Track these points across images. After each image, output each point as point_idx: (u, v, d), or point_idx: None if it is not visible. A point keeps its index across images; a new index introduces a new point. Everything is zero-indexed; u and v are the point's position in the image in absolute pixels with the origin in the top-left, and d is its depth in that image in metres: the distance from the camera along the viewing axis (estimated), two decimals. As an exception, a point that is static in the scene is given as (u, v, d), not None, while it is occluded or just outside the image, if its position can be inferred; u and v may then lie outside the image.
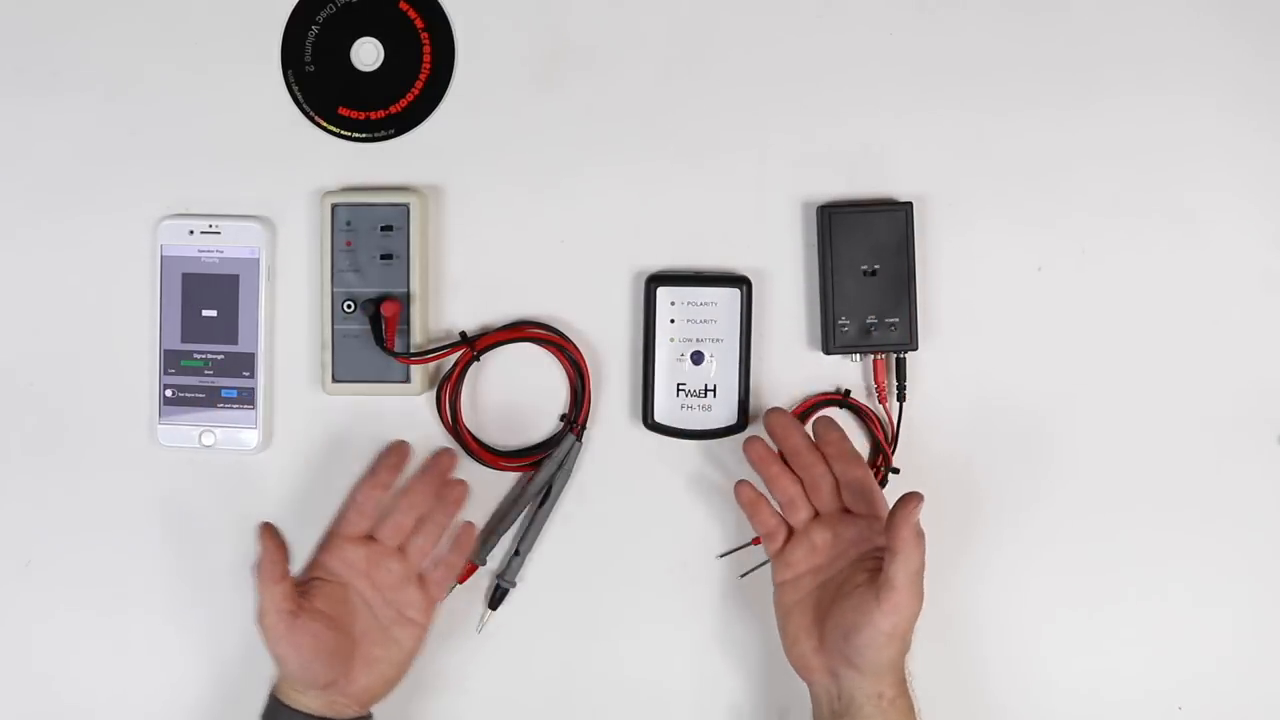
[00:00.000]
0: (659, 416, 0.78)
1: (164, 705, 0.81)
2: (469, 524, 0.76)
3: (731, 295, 0.77)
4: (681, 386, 0.78)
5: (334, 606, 0.72)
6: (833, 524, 0.73)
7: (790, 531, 0.74)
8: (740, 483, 0.74)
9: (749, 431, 0.78)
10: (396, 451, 0.76)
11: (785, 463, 0.74)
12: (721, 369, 0.77)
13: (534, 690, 0.80)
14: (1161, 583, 0.79)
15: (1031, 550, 0.79)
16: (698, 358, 0.77)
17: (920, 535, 0.68)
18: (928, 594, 0.69)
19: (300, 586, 0.72)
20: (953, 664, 0.74)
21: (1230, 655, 0.79)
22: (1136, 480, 0.79)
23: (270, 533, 0.71)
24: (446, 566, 0.75)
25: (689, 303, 0.77)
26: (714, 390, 0.77)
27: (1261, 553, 0.79)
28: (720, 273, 0.79)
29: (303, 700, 0.71)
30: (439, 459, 0.77)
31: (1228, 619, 0.79)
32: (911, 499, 0.67)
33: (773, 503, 0.74)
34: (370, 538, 0.74)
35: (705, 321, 0.77)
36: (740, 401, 0.78)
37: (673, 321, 0.77)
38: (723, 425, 0.78)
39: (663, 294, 0.78)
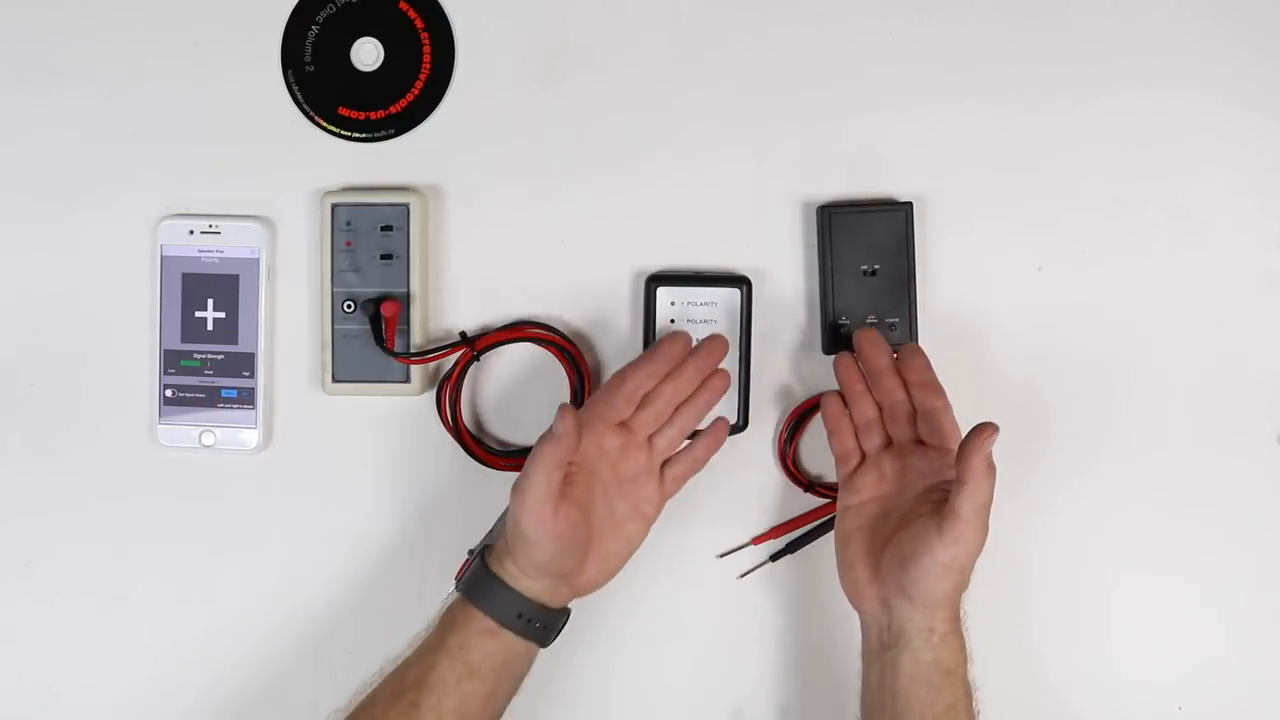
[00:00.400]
0: None
1: (164, 705, 0.81)
2: (722, 419, 0.75)
3: (731, 295, 0.77)
4: None
5: (585, 495, 0.70)
6: (904, 453, 0.72)
7: (863, 456, 0.73)
8: (830, 394, 0.74)
9: (748, 432, 0.78)
10: (681, 342, 0.73)
11: (868, 386, 0.73)
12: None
13: (534, 690, 0.80)
14: (1161, 583, 0.79)
15: (1030, 550, 0.79)
16: None
17: (991, 468, 0.66)
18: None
19: None
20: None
21: (1230, 655, 0.79)
22: (1136, 480, 0.79)
23: (570, 417, 0.66)
24: (691, 461, 0.74)
25: (689, 303, 0.77)
26: None
27: (1262, 553, 0.79)
28: (720, 273, 0.79)
29: (524, 582, 0.68)
30: (714, 343, 0.74)
31: (1228, 619, 0.79)
32: (986, 429, 0.66)
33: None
34: (623, 425, 0.72)
35: (705, 322, 0.77)
36: (740, 402, 0.78)
37: (672, 321, 0.77)
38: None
39: (662, 294, 0.78)
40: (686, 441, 0.74)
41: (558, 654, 0.79)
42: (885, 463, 0.73)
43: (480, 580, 0.69)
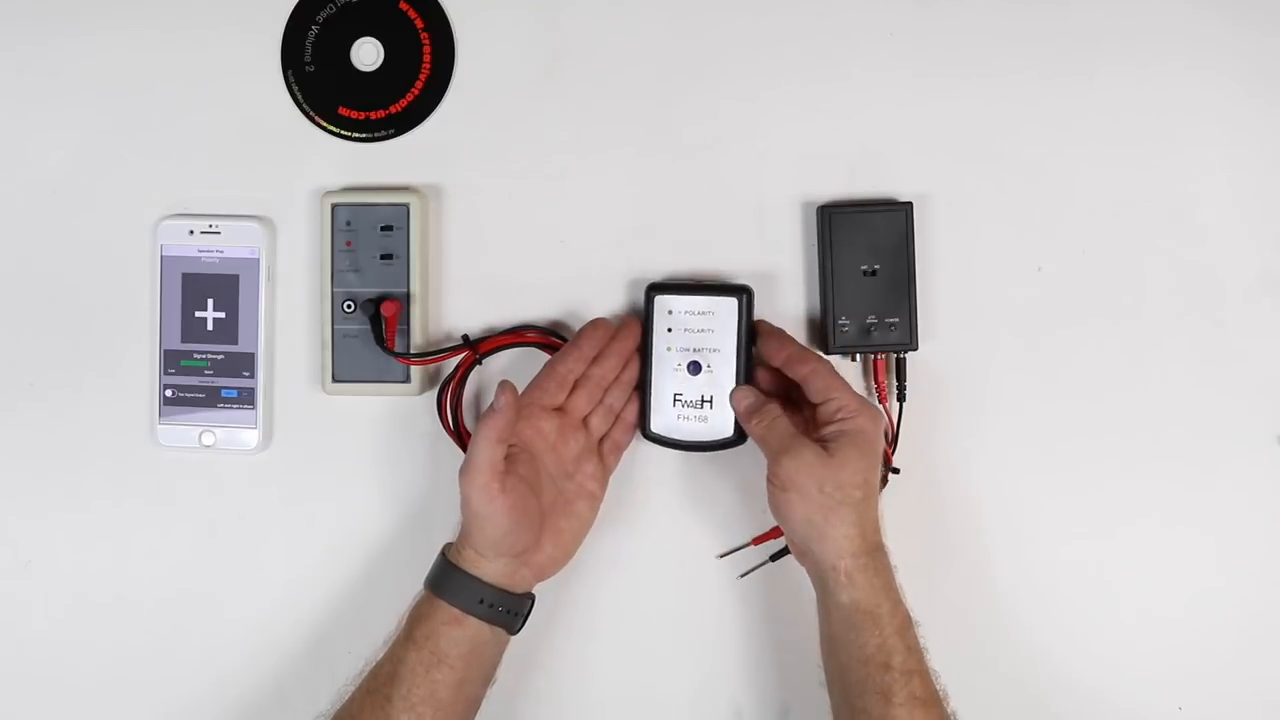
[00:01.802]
0: (655, 427, 0.77)
1: (164, 705, 0.81)
2: (635, 393, 0.77)
3: (730, 305, 0.76)
4: (678, 397, 0.76)
5: (531, 475, 0.72)
6: (799, 413, 0.75)
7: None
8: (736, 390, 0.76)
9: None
10: (603, 326, 0.76)
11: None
12: (719, 380, 0.76)
13: (534, 690, 0.80)
14: (1161, 582, 0.79)
15: (1030, 550, 0.79)
16: (694, 368, 0.76)
17: (753, 411, 0.73)
18: (922, 592, 0.69)
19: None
20: (954, 665, 0.74)
21: (1230, 655, 0.79)
22: (1136, 480, 0.79)
23: (510, 392, 0.69)
24: (623, 428, 0.77)
25: (687, 311, 0.76)
26: (710, 402, 0.76)
27: (1261, 553, 0.79)
28: (720, 282, 0.78)
29: (484, 566, 0.70)
30: (631, 325, 0.77)
31: (1228, 619, 0.79)
32: (737, 391, 0.75)
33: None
34: (559, 409, 0.75)
35: (703, 331, 0.76)
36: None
37: (670, 330, 0.76)
38: (719, 438, 0.76)
39: (660, 302, 0.77)
40: None
41: (557, 654, 0.79)
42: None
43: (442, 572, 0.71)
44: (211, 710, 0.81)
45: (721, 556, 0.80)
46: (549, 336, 0.79)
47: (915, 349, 0.78)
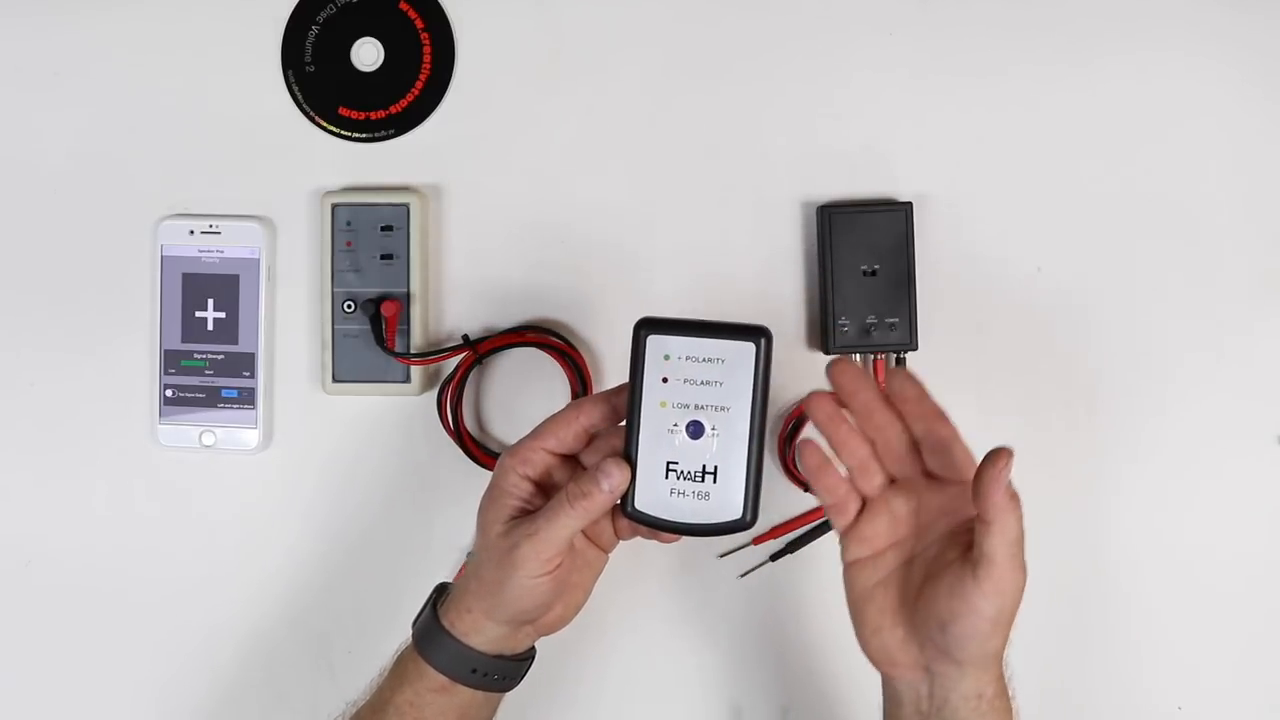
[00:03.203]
0: (641, 503, 0.62)
1: (163, 706, 0.81)
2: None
3: (744, 352, 0.60)
4: (672, 466, 0.62)
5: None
6: (915, 490, 0.62)
7: (864, 502, 0.63)
8: (804, 442, 0.62)
9: (756, 530, 0.69)
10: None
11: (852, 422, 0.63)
12: (726, 446, 0.61)
13: (534, 690, 0.80)
14: (1161, 582, 0.79)
15: (1031, 550, 0.79)
16: (695, 430, 0.61)
17: (1015, 499, 0.57)
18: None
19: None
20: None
21: (1230, 655, 0.79)
22: (1136, 480, 0.79)
23: (624, 471, 0.60)
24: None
25: (689, 358, 0.61)
26: (714, 473, 0.61)
27: (1262, 552, 0.79)
28: (731, 322, 0.62)
29: (483, 633, 0.63)
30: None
31: (1228, 619, 0.79)
32: (999, 456, 0.56)
33: (841, 468, 0.63)
34: (574, 458, 0.65)
35: (708, 384, 0.61)
36: (748, 490, 0.61)
37: (665, 381, 0.61)
38: (723, 520, 0.61)
39: (654, 344, 0.61)
40: None
41: (557, 654, 0.79)
42: (895, 503, 0.62)
43: (431, 634, 0.64)
44: (211, 710, 0.81)
45: (722, 556, 0.80)
46: (549, 336, 0.79)
47: (915, 349, 0.78)
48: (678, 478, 0.61)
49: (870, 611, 0.62)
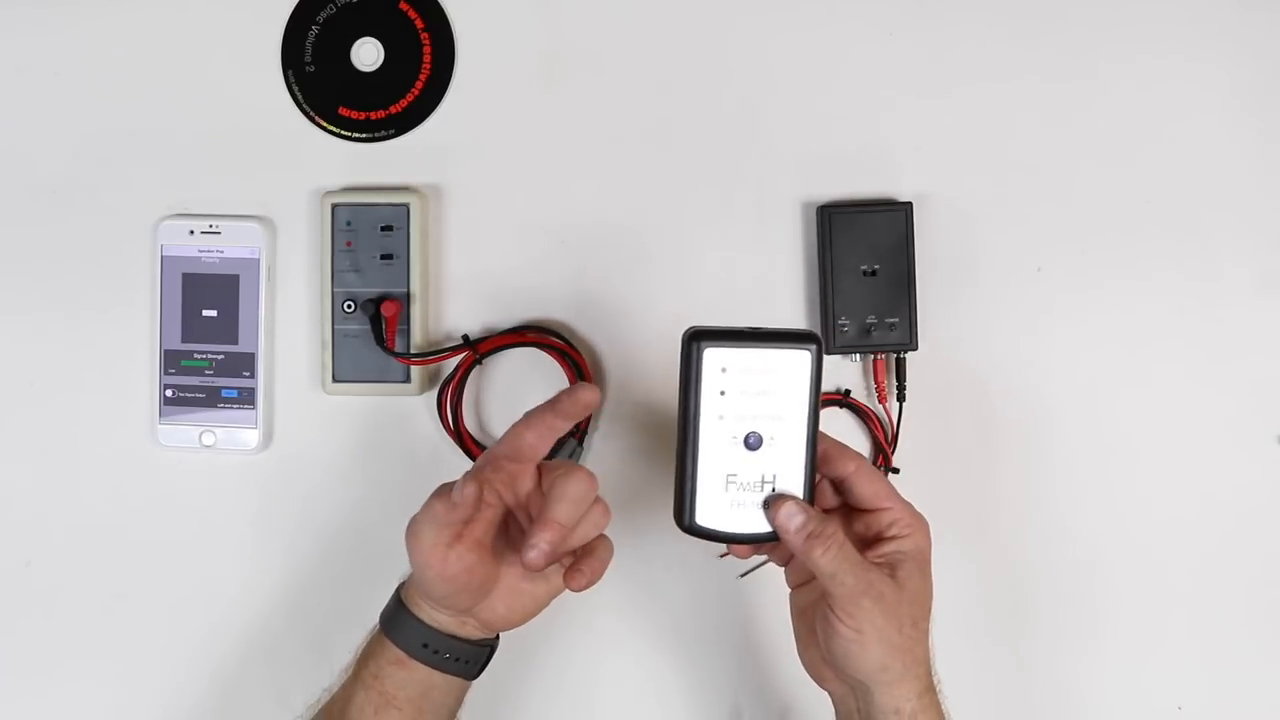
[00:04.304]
0: (703, 518, 0.61)
1: (164, 706, 0.81)
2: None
3: (800, 360, 0.60)
4: (732, 479, 0.61)
5: (489, 536, 0.64)
6: (841, 523, 0.64)
7: None
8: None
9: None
10: (591, 392, 0.65)
11: None
12: (783, 454, 0.61)
13: (534, 690, 0.80)
14: (1161, 582, 0.79)
15: (1030, 550, 0.79)
16: (754, 441, 0.61)
17: (813, 537, 0.60)
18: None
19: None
20: (953, 665, 0.74)
21: (1230, 655, 0.79)
22: (1136, 480, 0.79)
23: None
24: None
25: (746, 370, 0.60)
26: (773, 482, 0.62)
27: (1262, 552, 0.79)
28: (781, 329, 0.62)
29: (431, 613, 0.66)
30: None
31: (1228, 619, 0.79)
32: (776, 505, 0.60)
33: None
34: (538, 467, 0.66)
35: (764, 394, 0.61)
36: (807, 495, 0.62)
37: (723, 394, 0.60)
38: None
39: (712, 358, 0.60)
40: None
41: (558, 654, 0.79)
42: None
43: (392, 609, 0.67)
44: (211, 710, 0.81)
45: (722, 556, 0.80)
46: (549, 336, 0.79)
47: (915, 349, 0.78)
48: (739, 489, 0.61)
49: (802, 631, 0.67)
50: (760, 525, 0.62)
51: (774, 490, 0.61)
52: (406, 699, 0.66)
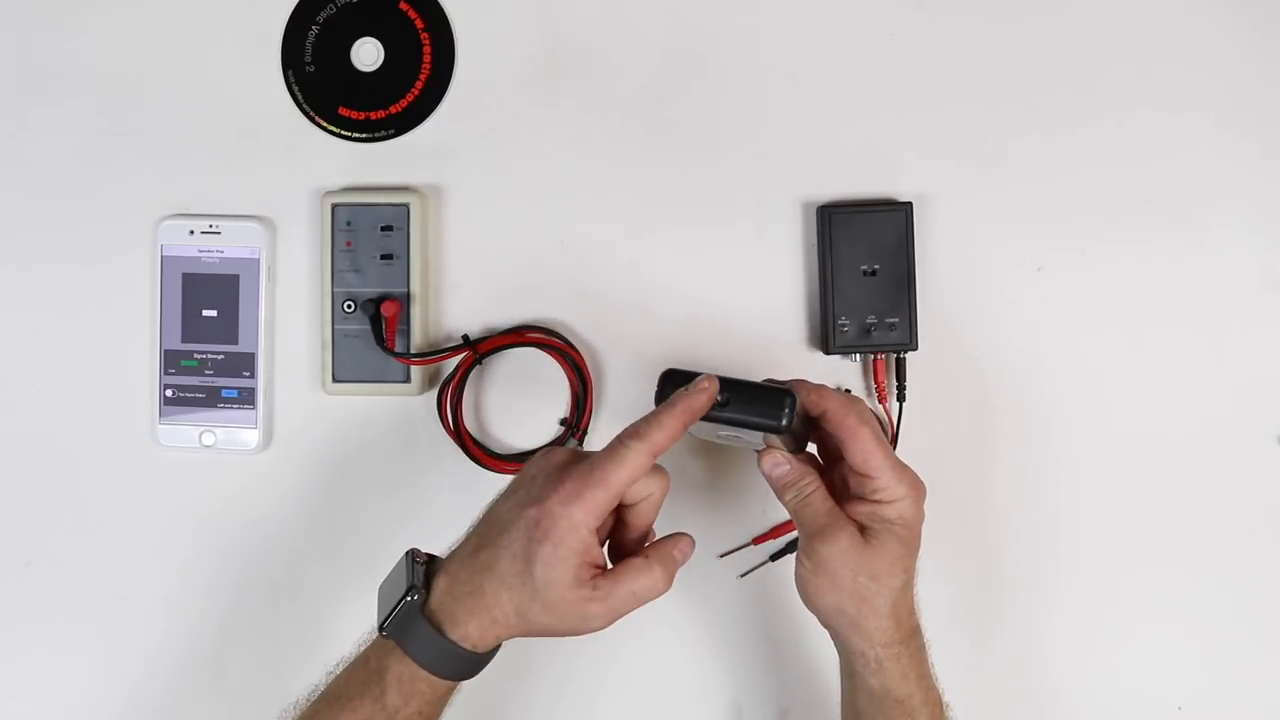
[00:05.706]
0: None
1: (164, 706, 0.81)
2: None
3: (767, 430, 0.65)
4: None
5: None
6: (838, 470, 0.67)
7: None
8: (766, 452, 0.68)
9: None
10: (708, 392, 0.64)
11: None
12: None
13: (534, 690, 0.80)
14: (1161, 582, 0.79)
15: (1030, 549, 0.79)
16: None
17: (787, 485, 0.66)
18: (922, 591, 0.68)
19: None
20: (953, 666, 0.74)
21: (1230, 655, 0.79)
22: (1136, 480, 0.79)
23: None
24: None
25: (714, 421, 0.65)
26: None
27: (1261, 553, 0.79)
28: (759, 386, 0.65)
29: (465, 630, 0.62)
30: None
31: (1228, 619, 0.79)
32: (765, 454, 0.66)
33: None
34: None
35: (736, 436, 0.68)
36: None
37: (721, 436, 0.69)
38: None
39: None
40: None
41: (559, 654, 0.79)
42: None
43: (422, 634, 0.62)
44: (211, 710, 0.81)
45: (722, 556, 0.80)
46: (549, 336, 0.79)
47: (915, 349, 0.78)
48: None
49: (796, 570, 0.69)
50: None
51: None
52: (415, 710, 0.63)
